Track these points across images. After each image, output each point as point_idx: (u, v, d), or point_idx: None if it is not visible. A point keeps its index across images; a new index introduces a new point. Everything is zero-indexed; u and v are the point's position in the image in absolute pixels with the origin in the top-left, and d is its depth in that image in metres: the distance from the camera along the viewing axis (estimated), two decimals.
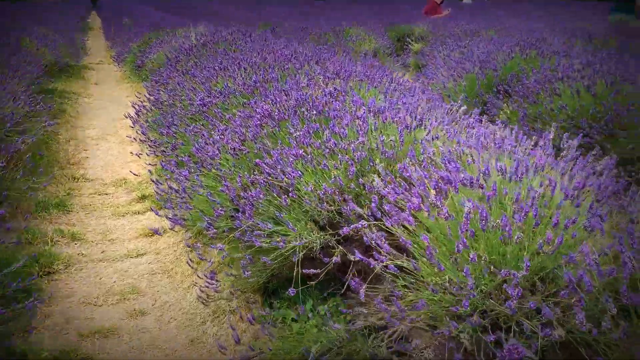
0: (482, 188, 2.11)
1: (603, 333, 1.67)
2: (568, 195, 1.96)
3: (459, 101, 3.69)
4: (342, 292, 3.27)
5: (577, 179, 2.20)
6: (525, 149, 2.47)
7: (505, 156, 2.46)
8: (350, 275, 3.22)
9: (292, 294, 2.73)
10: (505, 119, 5.73)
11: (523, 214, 1.95)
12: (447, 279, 2.11)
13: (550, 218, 2.10)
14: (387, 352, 2.74)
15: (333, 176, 2.81)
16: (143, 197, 4.99)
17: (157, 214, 3.72)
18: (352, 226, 2.25)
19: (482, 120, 3.64)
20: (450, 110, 3.59)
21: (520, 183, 2.19)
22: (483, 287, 2.10)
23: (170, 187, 3.72)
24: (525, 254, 2.10)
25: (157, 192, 3.86)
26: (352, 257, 2.65)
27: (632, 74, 5.25)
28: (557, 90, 5.41)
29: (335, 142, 2.97)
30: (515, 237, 1.92)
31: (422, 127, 3.09)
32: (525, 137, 2.91)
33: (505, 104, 6.20)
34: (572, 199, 2.10)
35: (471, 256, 1.93)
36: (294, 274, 2.92)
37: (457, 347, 2.14)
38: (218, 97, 4.64)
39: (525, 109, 5.57)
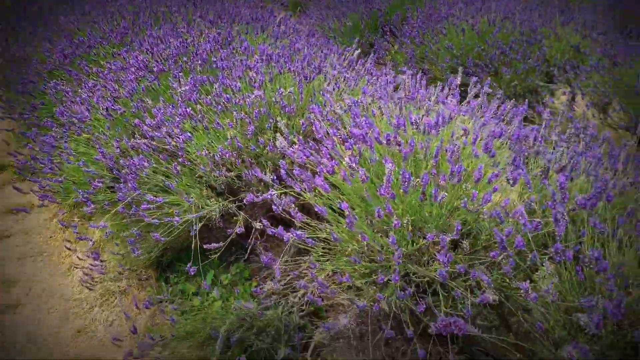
0: (399, 145, 1.93)
1: (537, 289, 1.59)
2: (489, 148, 1.84)
3: (354, 45, 3.46)
4: (246, 257, 3.05)
5: (491, 127, 2.09)
6: (437, 96, 2.32)
7: (416, 106, 2.30)
8: (253, 239, 3.00)
9: (192, 273, 2.44)
10: (391, 60, 5.65)
11: (449, 174, 1.80)
12: (366, 244, 1.94)
13: (467, 169, 1.99)
14: (299, 318, 2.59)
15: (229, 136, 2.49)
16: (1, 168, 4.29)
17: (19, 190, 3.17)
18: (261, 197, 1.98)
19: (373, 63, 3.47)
20: (345, 55, 3.36)
21: (436, 135, 2.04)
22: (403, 249, 1.96)
23: (34, 157, 3.17)
24: (443, 211, 1.98)
25: (16, 165, 3.28)
26: (257, 225, 2.40)
27: (510, 10, 5.34)
28: (443, 30, 5.39)
29: (228, 96, 2.62)
30: (440, 197, 1.77)
31: (322, 76, 2.84)
32: (424, 81, 2.78)
33: (391, 45, 6.11)
34: (488, 150, 1.98)
35: (394, 222, 1.75)
36: (192, 246, 2.63)
37: (381, 314, 2.01)
38: (81, 48, 4.01)
39: (413, 50, 5.52)
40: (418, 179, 1.84)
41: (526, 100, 2.41)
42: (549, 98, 4.17)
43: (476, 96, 2.45)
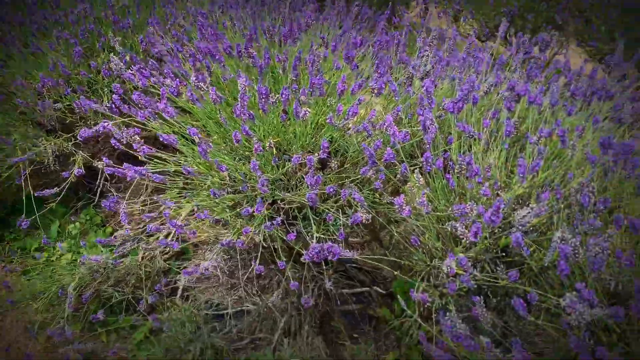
0: (252, 57, 1.69)
1: (408, 202, 1.51)
2: (350, 57, 1.68)
3: None
4: (96, 201, 2.70)
5: (352, 33, 1.92)
6: (292, 3, 2.08)
7: (270, 16, 2.05)
8: (102, 180, 2.67)
9: (24, 226, 2.07)
10: None
11: (310, 87, 1.61)
12: (227, 175, 1.73)
13: (330, 82, 1.82)
14: (164, 262, 2.37)
15: (51, 61, 2.06)
16: None
17: None
18: (93, 129, 1.65)
19: None
20: None
21: (294, 46, 1.83)
22: (269, 175, 1.78)
23: None
24: (308, 129, 1.81)
25: None
26: (100, 165, 2.07)
27: None
28: None
29: (47, 14, 2.16)
30: (303, 113, 1.58)
31: None
32: None
33: None
34: (350, 60, 1.82)
35: (255, 146, 1.55)
36: (24, 196, 2.23)
37: (252, 247, 1.85)
38: None
39: None
40: (278, 96, 1.64)
41: (389, 5, 2.27)
42: (404, 10, 4.12)
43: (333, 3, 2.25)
